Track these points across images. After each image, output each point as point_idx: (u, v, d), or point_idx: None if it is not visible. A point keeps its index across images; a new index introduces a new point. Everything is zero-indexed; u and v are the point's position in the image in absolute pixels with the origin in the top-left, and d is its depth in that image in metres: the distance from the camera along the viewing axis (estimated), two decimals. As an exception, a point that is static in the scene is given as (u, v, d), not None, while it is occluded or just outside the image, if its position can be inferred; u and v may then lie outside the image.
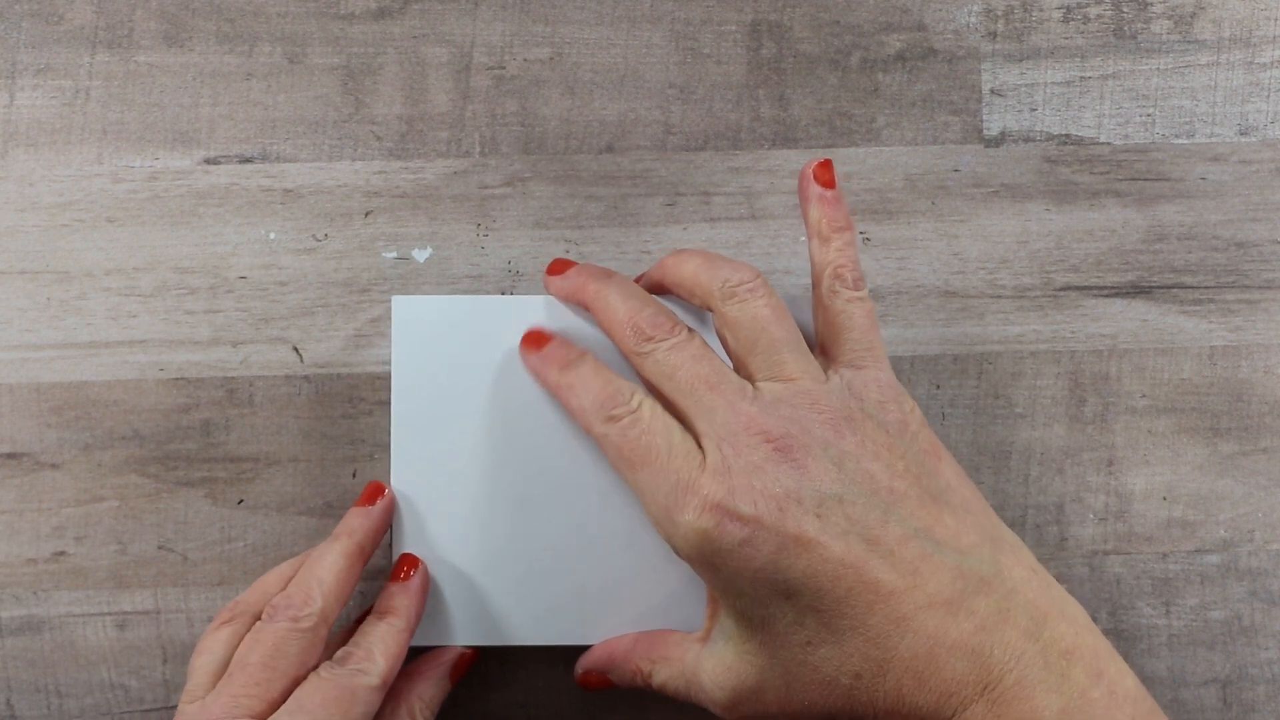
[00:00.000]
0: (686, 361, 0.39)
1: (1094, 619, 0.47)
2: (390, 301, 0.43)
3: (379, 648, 0.39)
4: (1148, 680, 0.47)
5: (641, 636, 0.42)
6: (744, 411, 0.37)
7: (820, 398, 0.38)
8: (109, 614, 0.46)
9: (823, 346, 0.41)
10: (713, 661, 0.39)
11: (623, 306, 0.40)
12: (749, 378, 0.39)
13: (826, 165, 0.41)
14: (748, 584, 0.37)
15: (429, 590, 0.42)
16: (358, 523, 0.42)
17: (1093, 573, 0.47)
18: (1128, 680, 0.37)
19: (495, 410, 0.43)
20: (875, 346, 0.40)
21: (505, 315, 0.43)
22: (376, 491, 0.43)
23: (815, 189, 0.41)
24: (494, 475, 0.43)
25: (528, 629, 0.43)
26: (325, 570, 0.40)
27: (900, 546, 0.36)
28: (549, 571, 0.43)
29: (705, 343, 0.40)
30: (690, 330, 0.40)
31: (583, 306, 0.42)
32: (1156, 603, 0.47)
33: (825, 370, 0.39)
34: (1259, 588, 0.47)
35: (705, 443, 0.38)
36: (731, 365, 0.40)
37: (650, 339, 0.39)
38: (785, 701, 0.38)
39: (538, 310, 0.43)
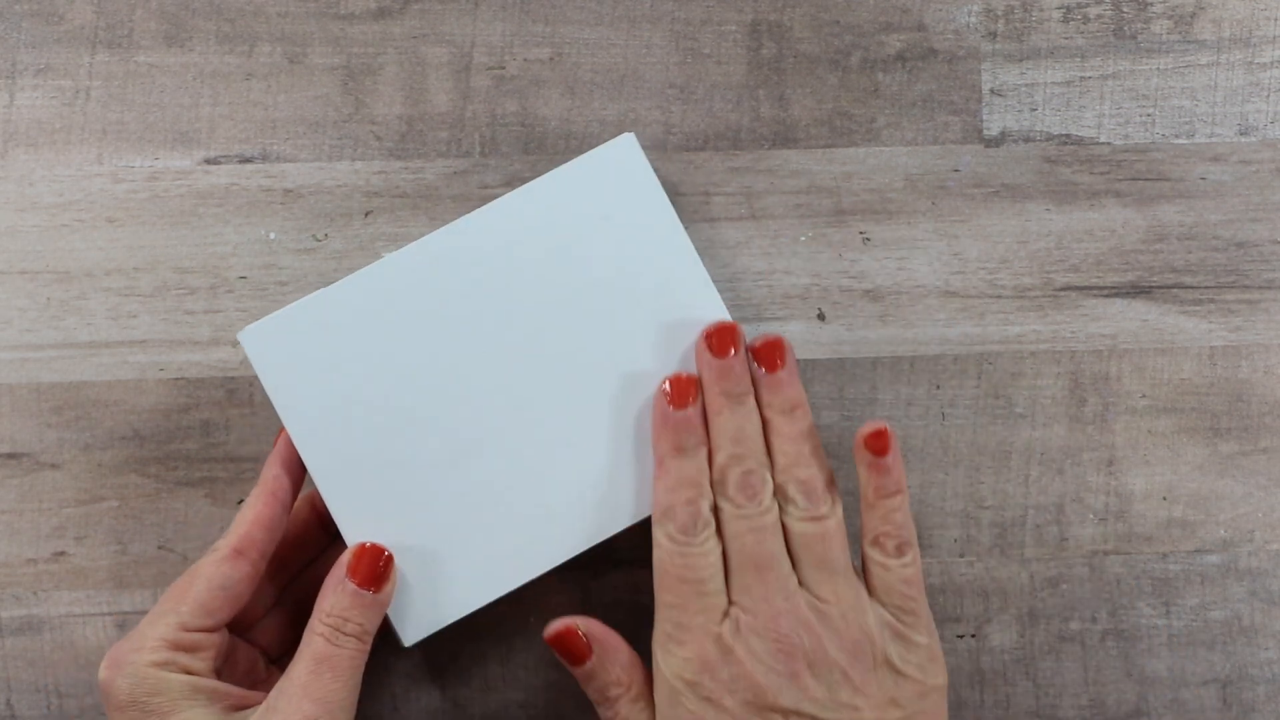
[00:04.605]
0: (753, 538, 0.41)
1: (1094, 619, 0.47)
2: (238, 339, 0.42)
3: (233, 525, 0.41)
4: (1148, 680, 0.47)
5: (637, 661, 0.43)
6: (778, 606, 0.40)
7: (853, 621, 0.40)
8: (109, 614, 0.46)
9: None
10: None
11: (726, 450, 0.42)
12: (796, 567, 0.41)
13: (880, 435, 0.42)
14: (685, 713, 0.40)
15: (301, 464, 0.42)
16: (265, 469, 0.43)
17: (1093, 573, 0.47)
18: None
19: (393, 385, 0.42)
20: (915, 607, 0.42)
21: (352, 297, 0.42)
22: (278, 438, 0.43)
23: (867, 456, 0.42)
24: (417, 445, 0.43)
25: (513, 570, 0.43)
26: (242, 511, 0.42)
27: None
28: (507, 509, 0.43)
29: (778, 521, 0.41)
30: (772, 500, 0.41)
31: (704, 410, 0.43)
32: (1156, 603, 0.47)
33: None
34: (1259, 588, 0.47)
35: (734, 606, 0.40)
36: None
37: (737, 504, 0.41)
38: None
39: (381, 278, 0.43)
